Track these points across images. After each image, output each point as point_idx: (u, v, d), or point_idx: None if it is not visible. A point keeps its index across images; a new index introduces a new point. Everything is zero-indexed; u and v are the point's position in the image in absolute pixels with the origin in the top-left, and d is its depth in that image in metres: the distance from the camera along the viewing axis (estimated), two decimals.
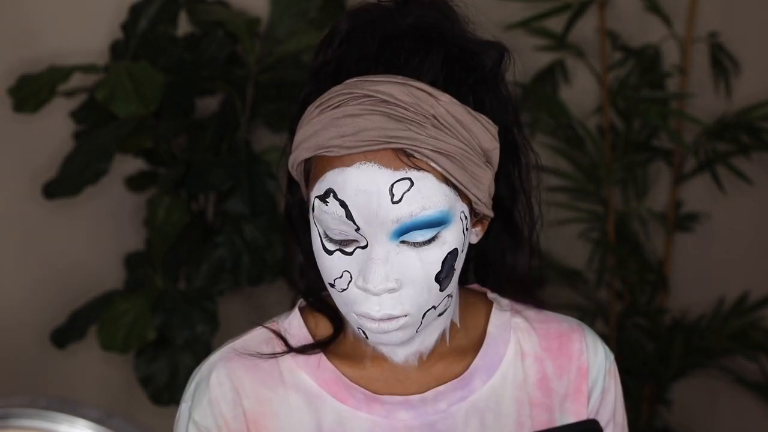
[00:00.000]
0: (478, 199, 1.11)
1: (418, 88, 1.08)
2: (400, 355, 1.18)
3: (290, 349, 1.19)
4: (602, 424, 1.23)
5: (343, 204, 1.08)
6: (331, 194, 1.09)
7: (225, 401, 1.18)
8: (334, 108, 1.09)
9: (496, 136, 1.12)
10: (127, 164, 2.56)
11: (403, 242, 1.09)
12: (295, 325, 1.21)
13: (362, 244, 1.10)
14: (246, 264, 2.39)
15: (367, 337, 1.13)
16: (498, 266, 1.22)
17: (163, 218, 2.36)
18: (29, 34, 2.55)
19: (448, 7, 1.15)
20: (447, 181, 1.09)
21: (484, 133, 1.10)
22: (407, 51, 1.11)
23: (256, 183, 2.36)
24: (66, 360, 2.63)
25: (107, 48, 2.49)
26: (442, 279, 1.11)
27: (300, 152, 1.12)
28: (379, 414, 1.18)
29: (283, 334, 1.21)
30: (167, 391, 2.38)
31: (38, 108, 2.32)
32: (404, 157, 1.07)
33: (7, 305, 2.65)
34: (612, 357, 1.25)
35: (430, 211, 1.08)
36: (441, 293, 1.12)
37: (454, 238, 1.11)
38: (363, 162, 1.08)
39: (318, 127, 1.09)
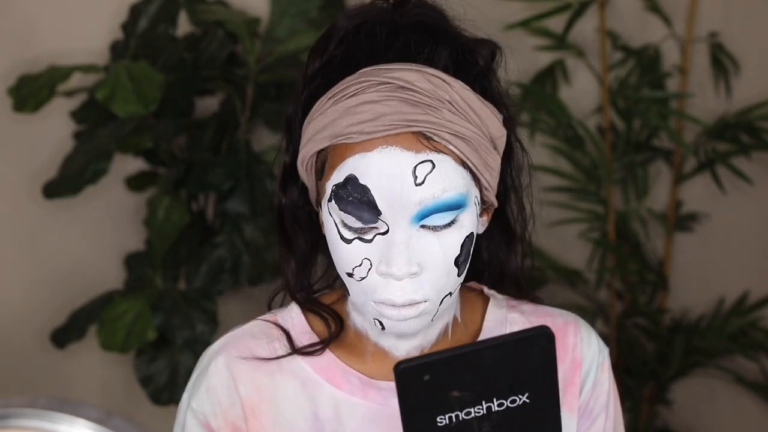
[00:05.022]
0: (489, 185, 1.14)
1: (433, 75, 1.10)
2: (401, 349, 1.18)
3: (294, 350, 1.19)
4: (593, 415, 1.23)
5: (365, 188, 1.09)
6: (353, 180, 1.09)
7: (222, 388, 1.18)
8: (350, 96, 1.10)
9: (503, 124, 1.14)
10: (127, 164, 2.55)
11: (423, 227, 1.10)
12: (295, 318, 1.22)
13: (382, 230, 1.10)
14: (246, 264, 2.39)
15: (383, 328, 1.13)
16: (493, 264, 1.24)
17: (163, 218, 2.36)
18: (29, 33, 2.55)
19: (440, 7, 1.17)
20: (464, 165, 1.11)
21: (492, 120, 1.13)
22: (416, 42, 1.13)
23: (256, 183, 2.35)
24: (66, 360, 2.63)
25: (107, 48, 2.48)
26: (460, 263, 1.12)
27: (314, 143, 1.12)
28: (374, 400, 1.18)
29: (282, 324, 1.21)
30: (167, 391, 2.38)
31: (38, 108, 2.31)
32: (424, 140, 1.09)
33: (7, 305, 2.65)
34: (606, 351, 1.26)
35: (451, 193, 1.10)
36: (458, 278, 1.13)
37: (470, 222, 1.12)
38: (384, 146, 1.09)
39: (334, 117, 1.10)
